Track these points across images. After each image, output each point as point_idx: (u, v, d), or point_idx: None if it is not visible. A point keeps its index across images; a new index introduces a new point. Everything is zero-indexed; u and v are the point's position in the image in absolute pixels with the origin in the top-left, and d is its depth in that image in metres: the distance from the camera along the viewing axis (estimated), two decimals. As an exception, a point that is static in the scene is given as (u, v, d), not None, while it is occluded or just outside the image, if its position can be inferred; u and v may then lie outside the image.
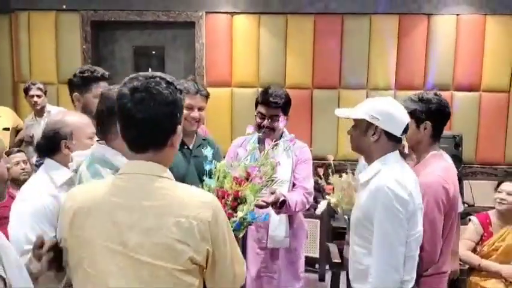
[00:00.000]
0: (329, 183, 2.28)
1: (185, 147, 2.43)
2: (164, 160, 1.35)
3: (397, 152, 1.91)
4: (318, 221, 3.66)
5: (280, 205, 2.28)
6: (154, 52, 5.40)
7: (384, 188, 1.78)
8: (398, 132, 1.87)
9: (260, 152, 2.32)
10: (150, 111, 1.28)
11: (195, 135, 2.51)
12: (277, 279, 2.55)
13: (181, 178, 2.21)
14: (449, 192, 2.03)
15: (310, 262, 3.31)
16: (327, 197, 2.32)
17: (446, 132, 4.39)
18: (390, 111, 1.86)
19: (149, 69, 5.41)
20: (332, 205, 2.30)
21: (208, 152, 2.17)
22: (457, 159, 4.32)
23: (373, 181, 1.85)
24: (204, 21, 5.01)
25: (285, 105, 2.54)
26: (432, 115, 2.12)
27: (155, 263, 1.26)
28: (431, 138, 2.16)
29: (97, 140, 1.87)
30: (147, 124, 1.30)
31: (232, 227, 1.87)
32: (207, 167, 2.08)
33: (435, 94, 2.18)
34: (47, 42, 5.12)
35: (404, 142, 2.10)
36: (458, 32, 4.90)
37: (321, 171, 2.33)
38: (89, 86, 2.51)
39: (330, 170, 2.31)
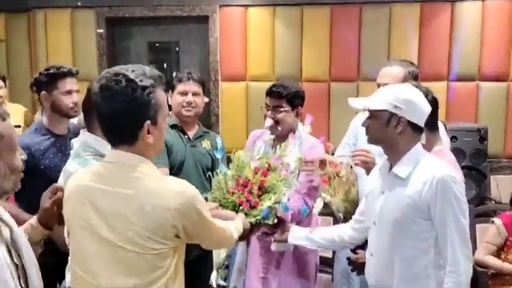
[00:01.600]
0: (325, 173, 2.15)
1: (186, 136, 2.52)
2: (142, 152, 1.44)
3: (420, 144, 1.83)
4: (331, 219, 3.53)
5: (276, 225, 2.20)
6: (168, 47, 5.34)
7: (449, 180, 1.70)
8: (421, 122, 1.79)
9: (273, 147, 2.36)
10: (111, 109, 1.39)
11: (198, 126, 2.60)
12: (278, 281, 2.42)
13: (180, 163, 2.44)
14: None
15: (323, 262, 3.19)
16: (322, 194, 2.20)
17: (470, 124, 4.23)
18: (413, 99, 1.76)
19: (165, 65, 5.39)
20: (326, 202, 2.18)
21: (206, 144, 2.23)
22: (482, 153, 4.11)
23: (420, 174, 1.73)
24: (218, 14, 4.91)
25: (292, 97, 2.42)
26: None
27: (125, 247, 1.37)
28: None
29: (83, 128, 2.05)
30: (110, 121, 1.42)
31: (260, 215, 1.98)
32: (218, 155, 2.17)
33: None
34: (63, 39, 5.12)
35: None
36: (484, 20, 4.63)
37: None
38: (56, 82, 2.45)
39: (328, 160, 2.18)
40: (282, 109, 2.38)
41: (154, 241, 1.36)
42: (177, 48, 5.24)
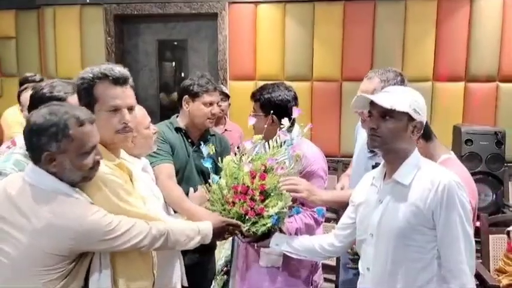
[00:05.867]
0: None
1: (189, 140, 2.45)
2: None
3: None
4: (335, 225, 3.40)
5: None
6: (177, 45, 5.25)
7: (455, 185, 1.59)
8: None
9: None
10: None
11: (204, 130, 2.52)
12: None
13: (182, 168, 2.38)
14: None
15: (326, 270, 3.04)
16: None
17: (486, 127, 4.02)
18: (424, 106, 1.69)
19: (173, 64, 5.30)
20: None
21: (211, 149, 2.13)
22: (499, 158, 3.90)
23: (423, 180, 1.63)
24: (227, 12, 4.80)
25: (263, 103, 2.20)
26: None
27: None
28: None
29: None
30: None
31: (269, 223, 1.89)
32: (206, 164, 2.07)
33: None
34: (72, 36, 5.09)
35: None
36: (504, 17, 4.41)
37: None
38: None
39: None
40: (254, 113, 2.23)
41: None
42: (186, 46, 5.14)
